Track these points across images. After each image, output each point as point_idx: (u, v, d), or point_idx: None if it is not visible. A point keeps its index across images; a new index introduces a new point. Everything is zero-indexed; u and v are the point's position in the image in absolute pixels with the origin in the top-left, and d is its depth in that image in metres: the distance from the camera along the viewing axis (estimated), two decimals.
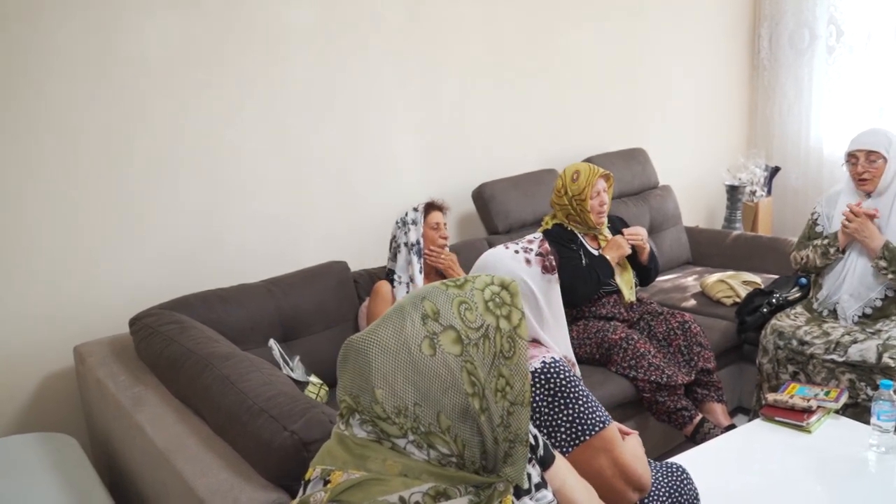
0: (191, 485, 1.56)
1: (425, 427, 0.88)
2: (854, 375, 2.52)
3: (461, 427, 0.88)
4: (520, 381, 0.92)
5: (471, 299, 0.93)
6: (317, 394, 2.31)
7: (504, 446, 0.91)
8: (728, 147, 4.53)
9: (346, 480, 0.88)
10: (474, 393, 0.89)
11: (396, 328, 0.91)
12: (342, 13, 2.88)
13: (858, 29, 4.10)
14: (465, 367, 0.89)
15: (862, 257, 2.65)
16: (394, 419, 0.88)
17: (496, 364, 0.91)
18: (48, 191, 2.35)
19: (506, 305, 0.94)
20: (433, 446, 0.88)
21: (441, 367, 0.88)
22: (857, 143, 2.67)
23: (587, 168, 2.81)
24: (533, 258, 1.52)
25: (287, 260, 2.79)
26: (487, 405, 0.89)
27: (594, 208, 2.77)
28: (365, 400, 0.90)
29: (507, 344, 0.92)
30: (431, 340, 0.89)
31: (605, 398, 2.49)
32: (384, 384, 0.88)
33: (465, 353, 0.90)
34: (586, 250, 2.81)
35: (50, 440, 2.12)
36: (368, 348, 0.90)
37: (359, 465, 0.89)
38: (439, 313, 0.91)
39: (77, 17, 2.32)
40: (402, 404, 0.88)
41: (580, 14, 3.67)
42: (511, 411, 0.91)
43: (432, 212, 2.64)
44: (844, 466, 2.03)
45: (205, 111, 2.61)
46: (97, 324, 2.45)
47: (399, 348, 0.89)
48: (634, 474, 1.46)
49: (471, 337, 0.90)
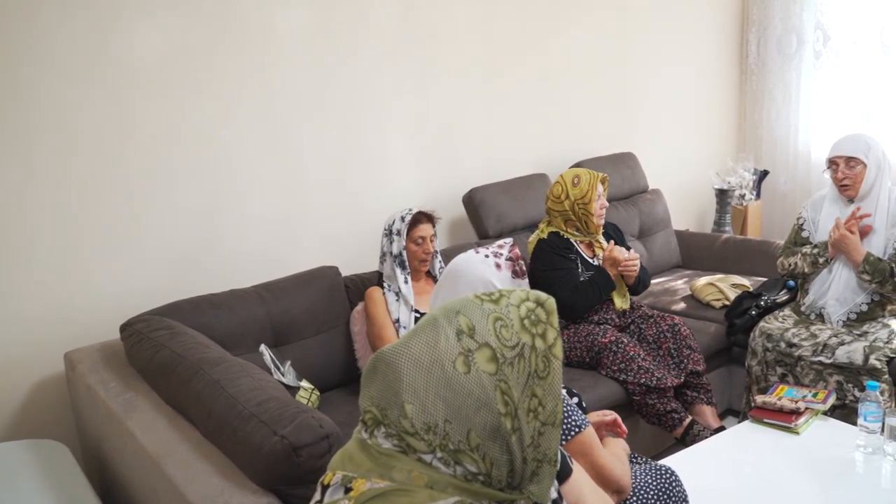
0: (181, 490, 1.56)
1: (454, 445, 0.85)
2: (841, 377, 2.54)
3: (491, 446, 0.86)
4: (552, 401, 0.90)
5: (507, 316, 0.91)
6: (308, 398, 2.31)
7: (532, 466, 0.89)
8: (717, 151, 4.56)
9: (370, 489, 0.86)
10: (507, 413, 0.86)
11: (430, 343, 0.88)
12: (336, 16, 2.89)
13: (845, 35, 4.14)
14: (499, 386, 0.87)
15: (848, 264, 2.67)
16: (422, 435, 0.86)
17: (530, 384, 0.89)
18: (40, 195, 2.35)
19: (541, 323, 0.92)
20: (460, 463, 0.86)
21: (475, 385, 0.86)
22: (836, 149, 2.69)
23: (586, 172, 2.81)
24: (503, 262, 1.52)
25: (281, 263, 2.79)
26: (519, 425, 0.87)
27: (597, 212, 2.78)
28: (393, 414, 0.88)
29: (541, 363, 0.90)
30: (466, 358, 0.87)
31: (596, 401, 2.50)
32: (415, 399, 0.86)
33: (500, 371, 0.87)
34: (583, 259, 2.82)
35: (40, 447, 2.11)
36: (400, 362, 0.88)
37: (383, 475, 0.86)
38: (475, 329, 0.89)
39: (73, 18, 2.32)
40: (433, 421, 0.86)
41: (571, 19, 3.69)
42: (542, 431, 0.89)
43: (418, 225, 2.55)
44: (832, 467, 2.05)
45: (199, 113, 2.61)
46: (88, 330, 2.45)
47: (432, 364, 0.87)
48: (612, 476, 1.47)
49: (506, 356, 0.88)
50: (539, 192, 3.40)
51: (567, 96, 3.75)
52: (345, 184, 3.03)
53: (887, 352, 2.51)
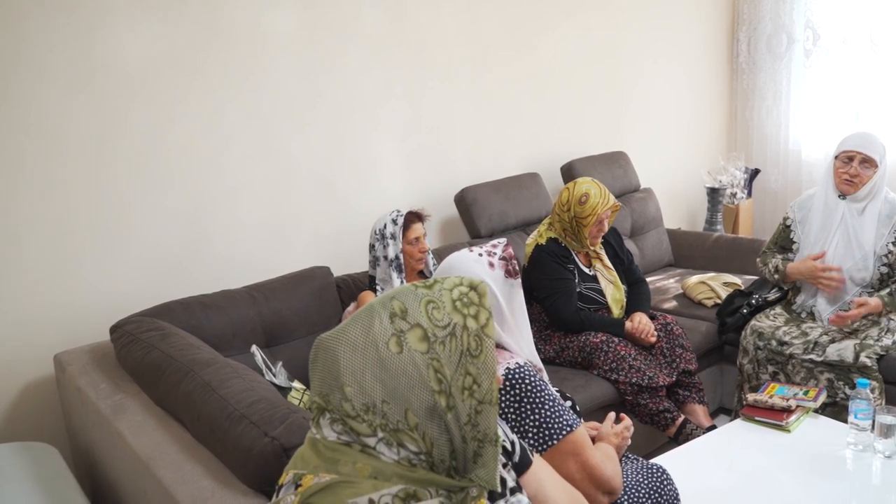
0: (172, 492, 1.56)
1: (393, 424, 0.89)
2: (832, 375, 2.55)
3: (429, 425, 0.89)
4: (487, 379, 0.93)
5: (439, 299, 0.94)
6: (300, 399, 2.30)
7: (473, 445, 0.92)
8: (708, 150, 4.58)
9: (315, 483, 0.89)
10: (441, 390, 0.89)
11: (365, 326, 0.92)
12: (324, 19, 2.88)
13: (834, 33, 4.16)
14: (431, 364, 0.90)
15: (836, 264, 2.68)
16: (363, 416, 0.89)
17: (463, 362, 0.92)
18: (28, 198, 2.34)
19: (473, 305, 0.95)
20: (402, 444, 0.89)
21: (408, 364, 0.89)
22: (855, 143, 2.63)
23: (597, 194, 2.71)
24: (496, 262, 1.52)
25: (270, 265, 2.79)
26: (454, 403, 0.90)
27: (591, 234, 2.75)
28: (335, 398, 0.91)
29: (474, 342, 0.93)
30: (398, 338, 0.90)
31: (588, 401, 2.51)
32: (353, 381, 0.89)
33: (432, 350, 0.90)
34: (580, 269, 2.81)
35: (30, 450, 2.10)
36: (337, 346, 0.91)
37: (329, 469, 0.89)
38: (407, 312, 0.92)
39: (60, 23, 2.31)
40: (371, 401, 0.89)
41: (561, 19, 3.69)
42: (479, 410, 0.92)
43: (411, 225, 2.55)
44: (823, 464, 2.06)
45: (188, 117, 2.60)
46: (77, 331, 2.44)
47: (367, 346, 0.90)
48: (603, 477, 1.46)
49: (437, 335, 0.91)
50: (531, 192, 3.40)
51: (557, 96, 3.75)
52: (335, 185, 3.02)
53: (877, 349, 2.52)
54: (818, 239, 2.74)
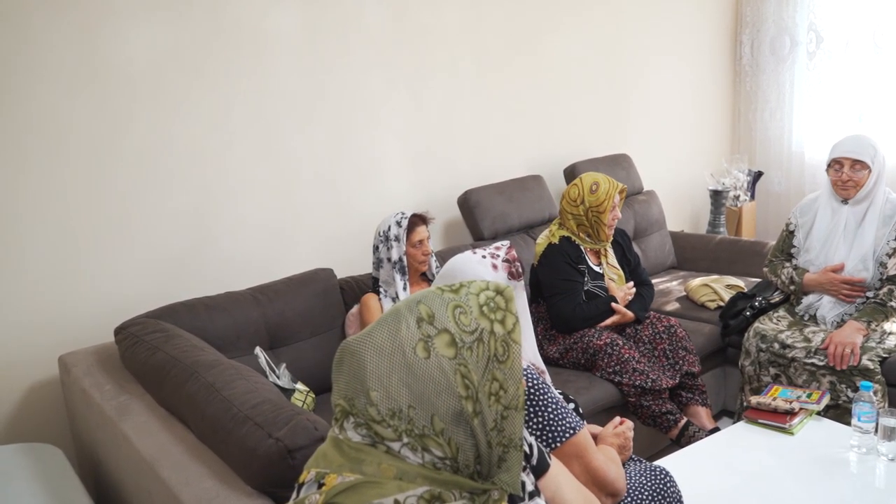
0: (176, 493, 1.56)
1: (419, 430, 0.88)
2: (834, 378, 2.54)
3: (455, 430, 0.88)
4: (514, 385, 0.92)
5: (466, 303, 0.93)
6: (303, 401, 2.31)
7: (498, 451, 0.91)
8: (711, 152, 4.58)
9: (340, 483, 0.88)
10: (468, 396, 0.89)
11: (392, 331, 0.91)
12: (327, 19, 2.89)
13: (838, 36, 4.16)
14: (458, 370, 0.89)
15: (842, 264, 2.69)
16: (388, 421, 0.88)
17: (490, 368, 0.91)
18: (33, 199, 2.35)
19: (500, 310, 0.94)
20: (427, 449, 0.88)
21: (435, 369, 0.89)
22: (842, 150, 2.67)
23: (605, 180, 2.77)
24: (500, 264, 1.53)
25: (274, 266, 2.80)
26: (481, 409, 0.89)
27: (609, 222, 2.77)
28: (360, 402, 0.90)
29: (501, 348, 0.92)
30: (426, 343, 0.90)
31: (591, 403, 2.51)
32: (379, 386, 0.89)
33: (459, 356, 0.90)
34: (589, 268, 2.82)
35: (35, 451, 2.11)
36: (363, 350, 0.91)
37: (354, 469, 0.89)
38: (434, 316, 0.92)
39: (63, 23, 2.32)
40: (397, 406, 0.88)
41: (564, 20, 3.70)
42: (505, 415, 0.91)
43: (416, 228, 2.56)
44: (826, 467, 2.06)
45: (191, 117, 2.61)
46: (82, 333, 2.44)
47: (394, 350, 0.90)
48: (606, 479, 1.46)
49: (465, 340, 0.91)
50: (534, 194, 3.41)
51: (561, 98, 3.76)
52: (338, 186, 3.03)
53: (880, 352, 2.52)
54: (826, 246, 2.74)
